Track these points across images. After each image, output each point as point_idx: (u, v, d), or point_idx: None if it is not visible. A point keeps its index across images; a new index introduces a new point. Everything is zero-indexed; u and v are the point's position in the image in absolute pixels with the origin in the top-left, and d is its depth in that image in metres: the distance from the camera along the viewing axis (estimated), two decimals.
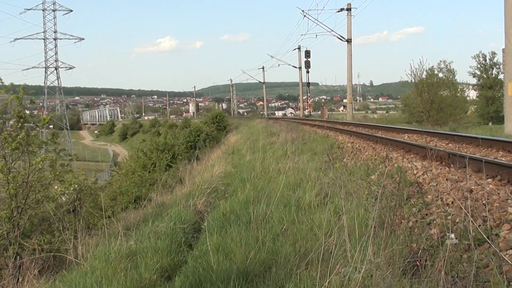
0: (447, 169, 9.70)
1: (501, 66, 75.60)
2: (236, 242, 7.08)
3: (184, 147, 37.17)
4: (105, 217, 10.27)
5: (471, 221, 5.38)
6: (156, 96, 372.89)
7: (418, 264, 5.20)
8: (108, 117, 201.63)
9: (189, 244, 8.77)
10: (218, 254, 6.76)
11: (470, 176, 8.43)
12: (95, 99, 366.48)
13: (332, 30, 46.46)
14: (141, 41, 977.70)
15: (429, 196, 7.75)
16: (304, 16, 47.52)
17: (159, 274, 7.12)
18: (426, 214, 7.01)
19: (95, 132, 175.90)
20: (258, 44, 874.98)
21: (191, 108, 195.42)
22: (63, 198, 12.86)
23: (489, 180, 8.14)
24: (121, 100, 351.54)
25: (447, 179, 8.72)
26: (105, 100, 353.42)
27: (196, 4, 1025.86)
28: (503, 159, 10.33)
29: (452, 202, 7.00)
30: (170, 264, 7.54)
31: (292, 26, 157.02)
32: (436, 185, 8.38)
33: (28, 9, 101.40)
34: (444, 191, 7.79)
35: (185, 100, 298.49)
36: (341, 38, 45.01)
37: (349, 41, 44.55)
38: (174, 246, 8.21)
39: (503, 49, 20.78)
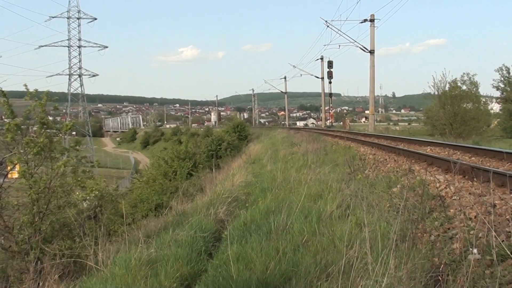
0: (470, 183, 9.60)
1: None
2: (256, 252, 7.07)
3: (206, 156, 37.27)
4: (126, 224, 10.30)
5: (495, 236, 5.31)
6: (178, 105, 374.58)
7: (440, 278, 5.14)
8: (130, 124, 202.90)
9: (209, 252, 8.78)
10: (238, 264, 6.75)
11: (493, 190, 8.33)
12: (117, 106, 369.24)
13: (355, 41, 46.29)
14: (164, 50, 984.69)
15: (451, 210, 7.67)
16: (327, 26, 47.44)
17: (179, 282, 7.13)
18: (449, 228, 6.93)
19: (117, 139, 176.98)
20: (280, 54, 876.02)
21: (213, 117, 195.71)
22: (84, 205, 12.96)
23: None
24: (143, 108, 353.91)
25: (470, 193, 8.63)
26: (128, 108, 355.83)
27: (218, 14, 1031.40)
28: None
29: (475, 217, 6.91)
30: (190, 273, 7.54)
31: (315, 37, 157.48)
32: (459, 199, 8.30)
33: (53, 17, 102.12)
34: (467, 205, 7.71)
35: (207, 109, 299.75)
36: (364, 49, 44.85)
37: (372, 52, 44.38)
38: (194, 255, 8.21)
39: None
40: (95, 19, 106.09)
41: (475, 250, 5.43)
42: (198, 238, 9.11)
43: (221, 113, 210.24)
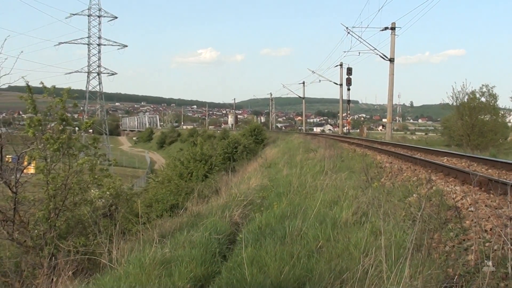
0: (487, 195, 9.56)
1: None
2: (270, 256, 7.09)
3: (222, 158, 37.33)
4: (141, 224, 10.34)
5: (510, 249, 5.30)
6: (195, 106, 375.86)
7: None
8: (147, 124, 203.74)
9: (224, 255, 8.79)
10: (252, 267, 6.77)
11: (510, 203, 8.29)
12: (135, 106, 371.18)
13: (375, 49, 46.11)
14: (183, 51, 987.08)
15: (467, 222, 7.65)
16: (348, 33, 47.31)
17: (193, 283, 7.14)
18: (464, 240, 6.91)
19: (134, 138, 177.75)
20: (299, 59, 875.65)
21: (230, 119, 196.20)
22: (100, 202, 13.03)
23: None
24: (160, 108, 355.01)
25: (486, 205, 8.59)
26: (145, 108, 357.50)
27: (238, 17, 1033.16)
28: None
29: (491, 229, 6.89)
30: (204, 274, 7.56)
31: (335, 43, 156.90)
32: (475, 210, 8.27)
33: (74, 14, 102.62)
34: (483, 217, 7.68)
35: (224, 112, 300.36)
36: (384, 57, 44.72)
37: (391, 60, 44.23)
38: (209, 256, 8.24)
39: None
40: (116, 17, 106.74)
41: (490, 263, 5.42)
42: (213, 240, 9.13)
43: (238, 116, 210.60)
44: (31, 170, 12.00)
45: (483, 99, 50.06)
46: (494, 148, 38.00)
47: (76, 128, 12.40)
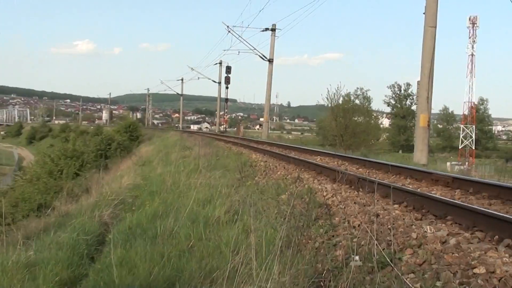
0: (356, 192, 9.88)
1: (414, 98, 79.08)
2: (140, 256, 6.91)
3: (94, 155, 36.29)
4: (4, 225, 9.78)
5: (376, 244, 5.46)
6: (69, 100, 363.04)
7: (322, 284, 5.21)
8: (17, 118, 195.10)
9: (92, 256, 8.51)
10: (121, 269, 6.59)
11: (377, 201, 8.60)
12: (4, 98, 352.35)
13: (255, 49, 46.69)
14: (58, 42, 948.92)
15: (336, 218, 7.85)
16: (229, 32, 47.62)
17: (58, 287, 6.85)
18: (333, 236, 7.07)
19: (1, 133, 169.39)
20: (179, 55, 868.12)
21: (105, 115, 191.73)
22: None
23: (396, 205, 8.33)
24: (31, 101, 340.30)
25: (355, 203, 8.87)
26: (15, 100, 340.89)
27: (117, 9, 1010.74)
28: (410, 186, 10.64)
29: (359, 225, 7.09)
30: (70, 277, 7.28)
31: (215, 41, 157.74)
32: (344, 207, 8.50)
33: None
34: (352, 214, 7.91)
35: (99, 107, 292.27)
36: (263, 57, 45.41)
37: (270, 61, 45.00)
38: (76, 258, 7.94)
39: (418, 82, 21.57)
40: None
41: (356, 257, 5.54)
42: (81, 241, 8.81)
43: (114, 112, 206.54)
44: None
45: (357, 101, 52.37)
46: (366, 148, 39.83)
47: None
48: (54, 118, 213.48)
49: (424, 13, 20.36)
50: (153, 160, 23.42)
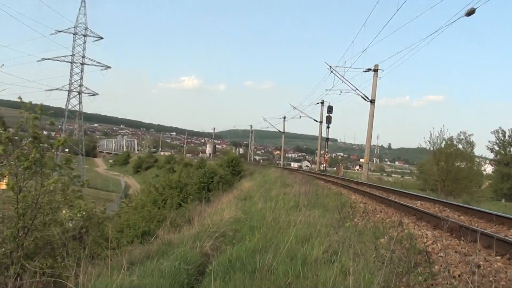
0: (457, 241, 9.65)
1: None
2: None
3: (197, 187, 37.16)
4: (110, 248, 10.22)
5: None
6: (174, 133, 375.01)
7: None
8: (125, 147, 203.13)
9: (192, 286, 8.72)
10: None
11: (479, 251, 8.38)
12: (113, 128, 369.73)
13: (357, 89, 46.50)
14: (165, 77, 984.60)
15: (436, 267, 7.70)
16: (331, 71, 47.69)
17: None
18: (432, 285, 6.95)
19: (110, 161, 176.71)
20: (281, 93, 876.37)
21: (208, 149, 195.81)
22: (70, 224, 12.86)
23: (498, 257, 8.08)
24: (139, 132, 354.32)
25: (456, 252, 8.66)
26: (124, 131, 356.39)
27: (223, 46, 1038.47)
28: None
29: (459, 275, 6.94)
30: None
31: (317, 80, 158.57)
32: (445, 256, 8.33)
33: (60, 31, 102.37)
34: (452, 263, 7.74)
35: (203, 140, 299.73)
36: (365, 97, 45.16)
37: (372, 101, 44.66)
38: (177, 286, 8.16)
39: None
40: (101, 38, 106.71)
41: None
42: (182, 270, 9.05)
43: (217, 146, 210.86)
44: (3, 186, 11.86)
45: (460, 146, 50.78)
46: (467, 195, 38.44)
47: (50, 146, 12.24)
48: (160, 149, 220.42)
49: None
50: (254, 195, 23.68)
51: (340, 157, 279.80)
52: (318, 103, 72.38)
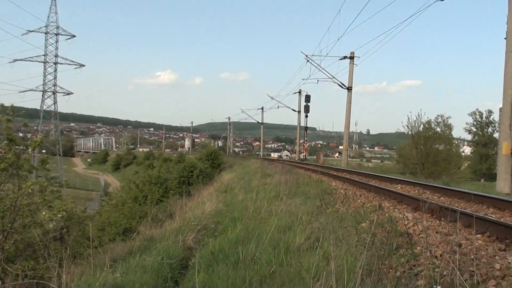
0: (438, 222, 9.72)
1: (497, 125, 76.48)
2: (223, 281, 7.05)
3: (177, 182, 37.06)
4: (92, 247, 10.16)
5: (458, 275, 5.39)
6: (152, 129, 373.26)
7: None
8: (103, 146, 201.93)
9: (176, 280, 8.70)
10: None
11: (460, 230, 8.45)
12: (90, 127, 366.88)
13: (334, 77, 46.67)
14: (141, 73, 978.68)
15: (418, 248, 7.75)
16: (307, 61, 47.75)
17: None
18: (414, 265, 6.99)
19: (88, 160, 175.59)
20: (258, 84, 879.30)
21: (187, 143, 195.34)
22: (51, 225, 12.75)
23: (478, 235, 8.16)
24: (117, 130, 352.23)
25: (437, 232, 8.73)
26: (101, 129, 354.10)
27: (198, 40, 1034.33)
28: (493, 215, 10.36)
29: (441, 255, 6.99)
30: None
31: (294, 70, 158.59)
32: (426, 237, 8.38)
33: (31, 31, 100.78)
34: (434, 244, 7.80)
35: (181, 135, 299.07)
36: (342, 85, 45.33)
37: (349, 89, 44.86)
38: (160, 281, 8.15)
39: (500, 108, 21.00)
40: (74, 36, 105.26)
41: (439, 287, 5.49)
42: (165, 265, 9.04)
43: (196, 140, 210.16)
44: None
45: (438, 129, 51.21)
46: (447, 176, 38.81)
47: (25, 148, 12.09)
48: (138, 146, 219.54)
49: (505, 38, 19.81)
50: (235, 187, 23.69)
51: (319, 145, 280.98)
52: (295, 92, 72.61)
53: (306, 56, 47.94)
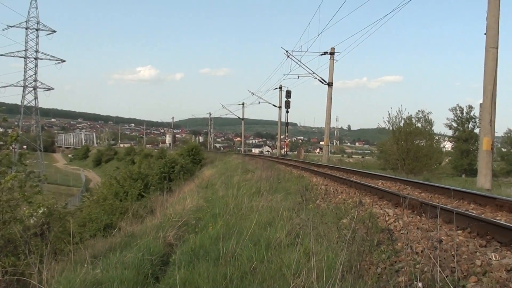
0: (419, 218, 9.78)
1: (477, 120, 77.21)
2: (203, 278, 7.02)
3: (158, 178, 37.02)
4: (73, 243, 10.09)
5: (439, 271, 5.41)
6: (133, 124, 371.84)
7: None
8: (84, 141, 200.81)
9: (156, 276, 8.67)
10: None
11: (440, 226, 8.51)
12: (71, 122, 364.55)
13: (314, 73, 46.72)
14: (121, 68, 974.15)
15: (399, 244, 7.78)
16: (288, 56, 47.75)
17: None
18: (395, 261, 7.02)
19: (69, 156, 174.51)
20: (239, 80, 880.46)
21: (168, 139, 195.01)
22: (31, 221, 12.66)
23: (459, 231, 8.22)
24: (97, 125, 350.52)
25: (418, 228, 8.78)
26: (82, 125, 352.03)
27: (178, 35, 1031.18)
28: (474, 211, 10.45)
29: (422, 251, 7.03)
30: None
31: (275, 65, 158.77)
32: (407, 233, 8.42)
33: (11, 26, 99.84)
34: (415, 240, 7.84)
35: (162, 131, 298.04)
36: (322, 81, 45.40)
37: (330, 84, 44.94)
38: (141, 278, 8.11)
39: (480, 104, 21.18)
40: (54, 31, 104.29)
41: (420, 284, 5.51)
42: (146, 261, 9.00)
43: (176, 136, 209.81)
44: None
45: (419, 125, 51.57)
46: (428, 172, 39.13)
47: (3, 144, 11.97)
48: (119, 141, 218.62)
49: (485, 34, 19.96)
50: (216, 183, 23.68)
51: (300, 140, 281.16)
52: (276, 88, 72.66)
53: (287, 51, 47.98)
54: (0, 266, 9.64)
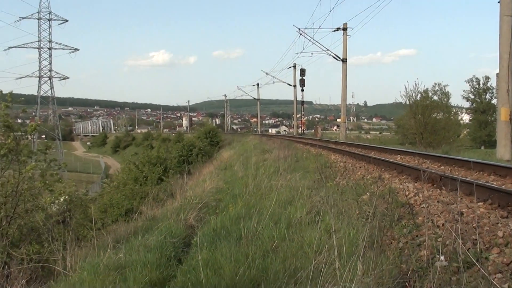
0: (439, 191, 9.73)
1: (494, 91, 76.27)
2: (226, 258, 7.05)
3: (177, 161, 37.16)
4: (95, 229, 10.19)
5: (461, 244, 5.39)
6: (149, 110, 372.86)
7: (407, 285, 5.19)
8: (101, 128, 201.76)
9: (179, 258, 8.71)
10: (207, 270, 6.71)
11: (461, 199, 8.46)
12: (88, 110, 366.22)
13: (328, 49, 46.44)
14: (134, 54, 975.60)
15: (420, 218, 7.76)
16: (300, 34, 47.47)
17: (148, 287, 7.06)
18: (417, 236, 7.01)
19: (88, 143, 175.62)
20: (253, 60, 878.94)
21: (185, 122, 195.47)
22: (53, 208, 12.80)
23: (480, 203, 8.16)
24: (114, 112, 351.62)
25: (438, 201, 8.74)
26: (99, 112, 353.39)
27: (189, 18, 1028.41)
28: (494, 183, 10.37)
29: (443, 224, 7.00)
30: (159, 278, 7.46)
31: (288, 44, 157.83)
32: (427, 207, 8.39)
33: (23, 18, 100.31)
34: (435, 213, 7.81)
35: (178, 114, 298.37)
36: (336, 57, 45.10)
37: (344, 60, 44.64)
38: (164, 260, 8.15)
39: (497, 74, 20.90)
40: (66, 21, 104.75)
41: (442, 257, 5.50)
42: (168, 244, 9.05)
43: (193, 119, 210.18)
44: None
45: (435, 98, 51.09)
46: (446, 145, 38.86)
47: (23, 134, 12.08)
48: (136, 127, 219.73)
49: (498, 2, 19.65)
50: (234, 164, 23.69)
51: (317, 119, 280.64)
52: (290, 67, 72.39)
53: (299, 29, 47.70)
54: (24, 254, 9.79)
